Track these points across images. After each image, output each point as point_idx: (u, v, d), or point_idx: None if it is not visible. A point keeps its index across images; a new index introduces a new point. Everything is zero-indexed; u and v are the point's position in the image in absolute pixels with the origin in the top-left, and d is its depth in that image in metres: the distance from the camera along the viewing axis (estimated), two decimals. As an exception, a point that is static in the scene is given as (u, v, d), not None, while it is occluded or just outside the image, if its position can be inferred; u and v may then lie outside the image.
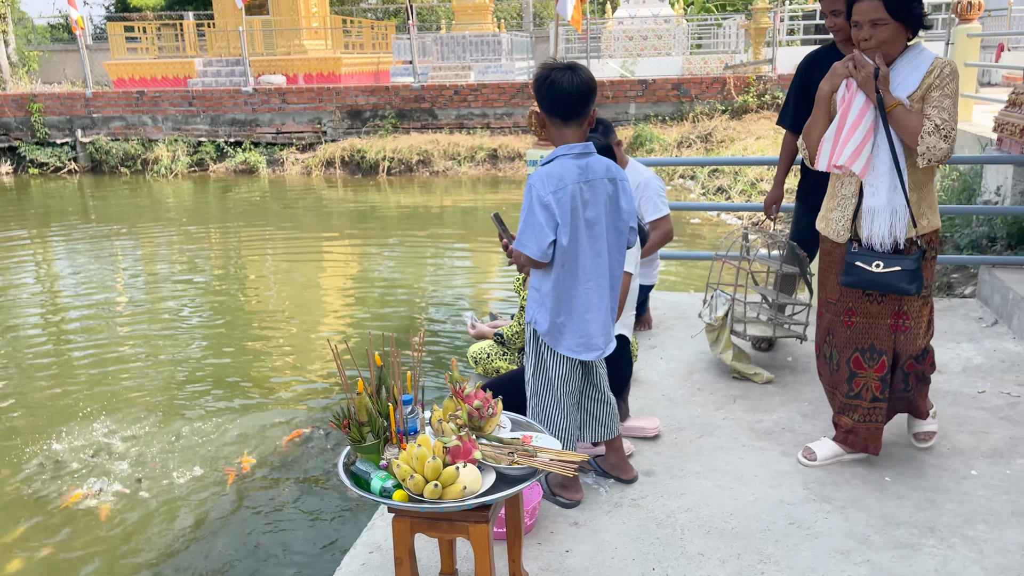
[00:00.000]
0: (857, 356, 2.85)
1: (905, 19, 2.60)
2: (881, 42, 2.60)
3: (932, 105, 2.61)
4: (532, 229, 2.48)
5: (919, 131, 2.57)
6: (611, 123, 3.86)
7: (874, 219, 2.68)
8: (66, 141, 17.28)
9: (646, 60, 18.25)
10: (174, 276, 8.84)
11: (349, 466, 2.12)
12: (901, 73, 2.67)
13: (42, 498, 4.19)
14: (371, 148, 15.44)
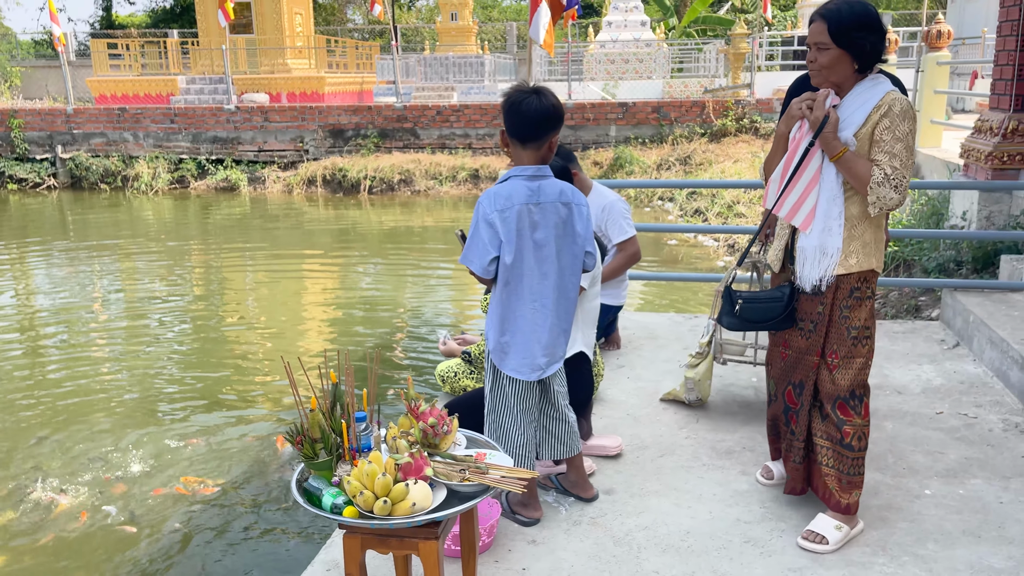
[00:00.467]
0: (790, 390, 2.78)
1: (848, 47, 2.48)
2: (823, 67, 2.53)
3: (883, 150, 2.48)
4: (475, 245, 2.54)
5: (868, 180, 2.47)
6: (572, 152, 3.92)
7: (805, 259, 2.62)
8: (46, 157, 17.21)
9: (627, 83, 18.47)
10: (151, 292, 8.81)
11: (302, 482, 2.13)
12: (849, 107, 2.55)
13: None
14: (353, 167, 15.48)
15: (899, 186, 2.45)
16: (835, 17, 2.47)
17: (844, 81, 2.55)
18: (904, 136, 2.48)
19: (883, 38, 2.51)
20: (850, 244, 2.58)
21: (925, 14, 13.65)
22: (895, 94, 2.51)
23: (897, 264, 6.75)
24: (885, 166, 2.46)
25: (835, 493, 2.67)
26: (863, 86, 2.54)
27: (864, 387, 2.66)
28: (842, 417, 2.65)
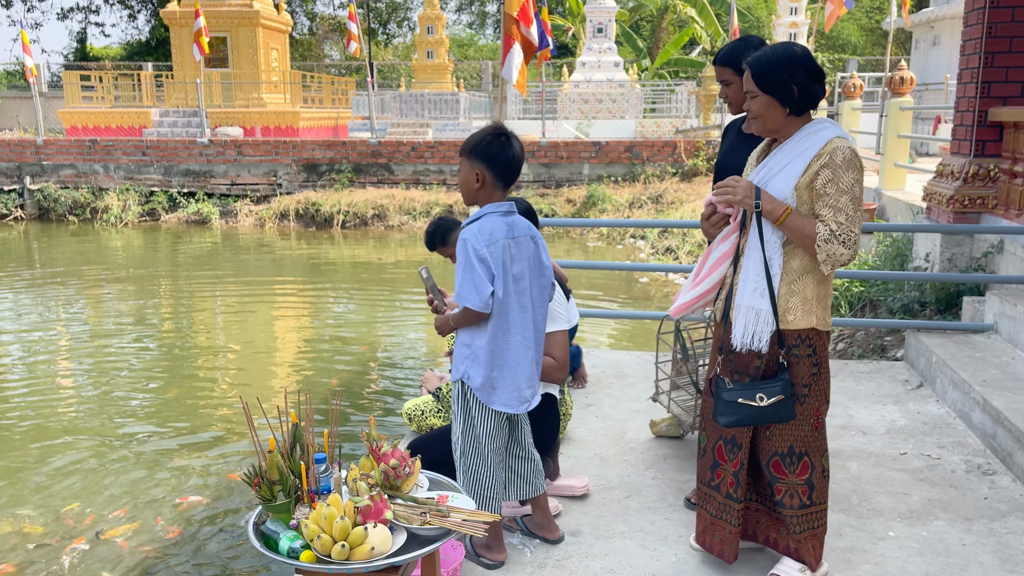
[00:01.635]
0: (720, 445, 2.66)
1: (772, 92, 2.43)
2: (755, 114, 2.51)
3: (827, 204, 2.39)
4: (472, 282, 2.54)
5: (814, 239, 2.39)
6: None
7: (736, 317, 2.54)
8: (13, 188, 17.01)
9: (600, 122, 18.73)
10: (116, 325, 8.67)
11: (259, 525, 2.09)
12: (788, 155, 2.47)
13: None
14: (326, 201, 15.47)
15: (847, 241, 2.37)
16: (755, 63, 2.46)
17: (779, 127, 2.50)
18: (849, 187, 2.39)
19: (815, 80, 2.44)
20: (789, 300, 2.49)
21: (889, 60, 14.02)
22: (838, 141, 2.41)
23: (863, 304, 6.85)
24: (830, 222, 2.38)
25: (791, 544, 2.66)
26: (803, 132, 2.47)
27: (808, 445, 2.57)
28: (775, 475, 2.59)
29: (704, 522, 2.77)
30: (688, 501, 3.22)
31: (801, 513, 2.59)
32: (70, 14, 37.70)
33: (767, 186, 2.51)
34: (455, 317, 2.64)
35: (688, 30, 24.74)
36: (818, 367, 2.55)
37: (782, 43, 2.54)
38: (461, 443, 2.72)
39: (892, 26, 13.12)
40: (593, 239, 14.45)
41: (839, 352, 6.37)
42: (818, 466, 2.59)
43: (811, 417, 2.56)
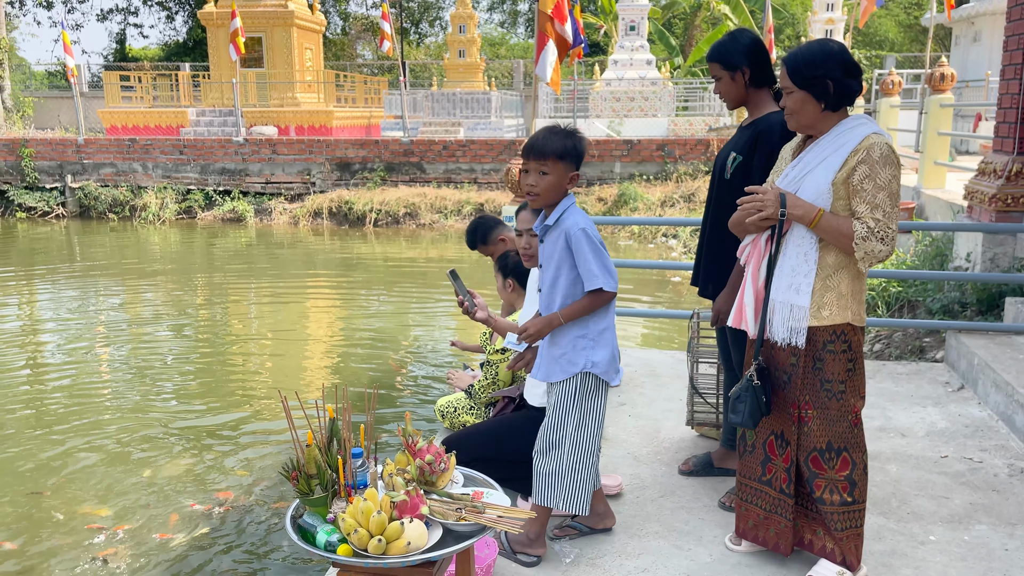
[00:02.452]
0: (772, 440, 2.67)
1: (807, 87, 2.43)
2: (791, 111, 2.51)
3: (865, 201, 2.38)
4: (605, 265, 2.62)
5: (852, 237, 2.38)
6: None
7: (773, 313, 2.55)
8: (55, 186, 17.37)
9: (632, 120, 18.64)
10: (154, 321, 8.82)
11: (297, 519, 2.11)
12: (825, 150, 2.46)
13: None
14: (359, 200, 15.59)
15: (885, 237, 2.36)
16: (791, 59, 2.47)
17: (815, 123, 2.50)
18: (887, 183, 2.37)
19: (850, 75, 2.43)
20: (824, 295, 2.49)
21: (929, 57, 13.76)
22: (875, 138, 2.40)
23: (901, 304, 6.73)
24: (868, 219, 2.37)
25: (827, 545, 2.62)
26: (840, 128, 2.47)
27: (847, 441, 2.55)
28: (814, 470, 2.57)
29: (755, 517, 2.76)
30: (722, 504, 3.19)
31: (842, 510, 2.56)
32: (109, 15, 38.46)
33: (803, 181, 2.50)
34: (573, 310, 2.64)
35: (722, 27, 24.52)
36: (853, 363, 2.53)
37: (818, 39, 2.54)
38: (573, 439, 2.71)
39: (932, 22, 12.89)
40: (624, 238, 14.38)
41: (876, 353, 6.27)
42: (859, 463, 2.57)
43: (848, 413, 2.54)
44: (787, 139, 2.87)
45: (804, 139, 2.63)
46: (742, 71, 2.99)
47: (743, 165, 2.99)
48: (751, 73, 2.99)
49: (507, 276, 3.64)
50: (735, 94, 3.03)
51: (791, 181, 2.53)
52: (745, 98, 3.04)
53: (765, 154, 2.91)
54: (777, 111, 2.96)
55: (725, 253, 3.07)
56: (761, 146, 2.93)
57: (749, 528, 2.80)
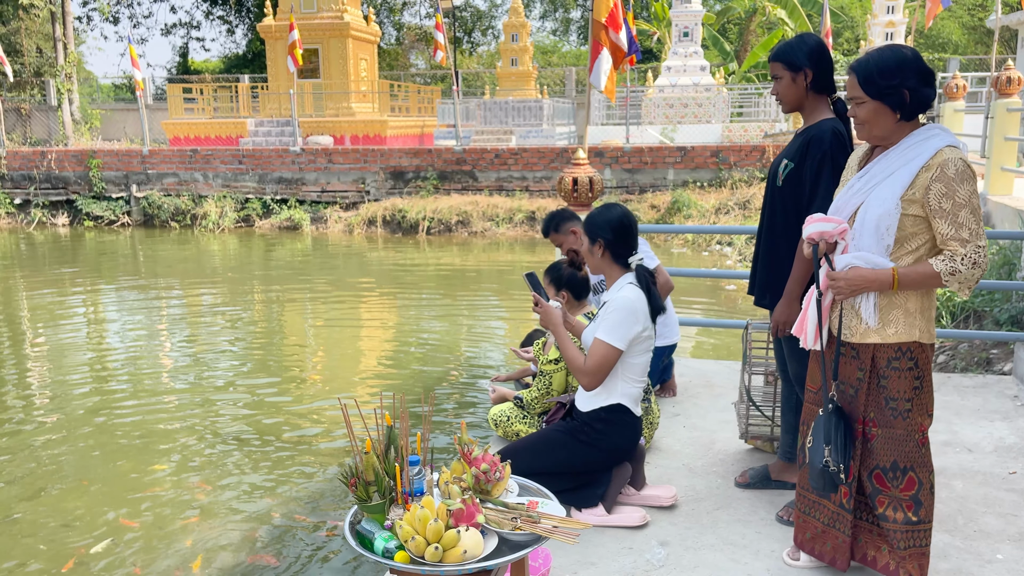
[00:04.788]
0: None
1: (881, 98, 2.35)
2: (863, 121, 2.43)
3: (947, 221, 2.28)
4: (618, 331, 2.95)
5: (939, 277, 2.28)
6: None
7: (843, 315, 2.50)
8: (121, 195, 17.96)
9: (686, 127, 18.48)
10: (215, 327, 9.05)
11: (355, 525, 2.15)
12: (894, 162, 2.38)
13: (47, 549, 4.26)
14: (412, 208, 15.76)
15: (977, 259, 2.26)
16: (863, 68, 2.38)
17: (889, 134, 2.41)
18: (967, 199, 2.27)
19: (926, 84, 2.35)
20: (889, 312, 2.41)
21: (994, 60, 13.34)
22: (948, 152, 2.29)
23: (967, 315, 6.53)
24: (953, 242, 2.28)
25: (891, 563, 2.55)
26: (911, 140, 2.37)
27: (913, 460, 2.48)
28: (877, 487, 2.51)
29: (813, 530, 2.70)
30: (779, 518, 3.14)
31: (906, 529, 2.49)
32: (173, 30, 39.66)
33: (869, 194, 2.43)
34: None
35: (778, 32, 24.17)
36: (920, 380, 2.45)
37: (889, 46, 2.45)
38: None
39: (997, 23, 12.50)
40: (678, 245, 14.25)
41: (940, 365, 6.10)
42: (925, 483, 2.50)
43: (915, 432, 2.47)
44: (837, 147, 2.82)
45: (872, 148, 2.56)
46: (804, 73, 2.94)
47: (794, 172, 2.95)
48: (813, 77, 2.94)
49: (560, 288, 3.65)
50: (793, 96, 2.98)
51: (855, 193, 2.48)
52: (803, 102, 2.99)
53: (815, 161, 2.87)
54: (830, 119, 2.92)
55: (781, 262, 3.02)
56: (811, 153, 2.89)
57: (807, 540, 2.75)
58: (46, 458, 5.35)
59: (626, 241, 2.98)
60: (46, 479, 5.04)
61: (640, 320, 2.91)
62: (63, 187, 18.24)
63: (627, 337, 2.90)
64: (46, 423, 6.02)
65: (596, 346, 2.91)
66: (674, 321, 4.38)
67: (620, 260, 3.00)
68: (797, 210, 2.99)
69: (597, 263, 3.05)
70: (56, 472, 5.14)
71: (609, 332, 2.89)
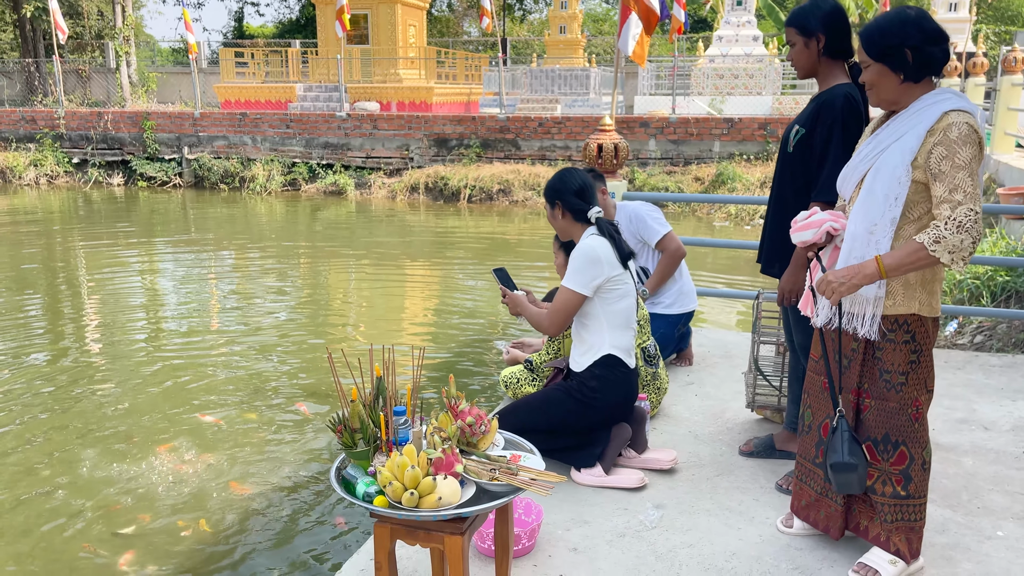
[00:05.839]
0: (827, 423, 2.57)
1: (883, 59, 2.31)
2: (870, 85, 2.39)
3: (943, 183, 2.22)
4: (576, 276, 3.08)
5: (926, 250, 2.20)
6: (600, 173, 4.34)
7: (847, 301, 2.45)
8: (173, 157, 18.38)
9: (735, 99, 18.11)
10: (259, 285, 9.27)
11: (341, 470, 2.22)
12: (901, 128, 2.32)
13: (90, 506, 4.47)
14: (454, 176, 15.82)
15: (964, 223, 2.16)
16: (865, 31, 2.34)
17: (895, 96, 2.36)
18: (967, 163, 2.20)
19: (931, 43, 2.27)
20: (890, 282, 2.37)
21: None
22: (955, 116, 2.23)
23: (1009, 295, 6.35)
24: (944, 206, 2.21)
25: (881, 534, 2.54)
26: (919, 104, 2.32)
27: (905, 435, 2.45)
28: (869, 460, 2.50)
29: (807, 497, 2.72)
30: (779, 486, 3.14)
31: (894, 503, 2.48)
32: (229, -5, 40.01)
33: (877, 160, 2.39)
34: None
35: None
36: (917, 355, 2.42)
37: (895, 8, 2.40)
38: None
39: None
40: (720, 219, 14.06)
41: (976, 345, 5.96)
42: (917, 458, 2.47)
43: (909, 406, 2.44)
44: (849, 113, 2.76)
45: (887, 114, 2.51)
46: (817, 38, 2.89)
47: (805, 138, 2.91)
48: (826, 41, 2.89)
49: (569, 251, 3.68)
50: (806, 62, 2.93)
51: (863, 159, 2.44)
52: (816, 68, 2.94)
53: (826, 127, 2.82)
54: (844, 84, 2.86)
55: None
56: (822, 119, 2.84)
57: (802, 508, 2.75)
58: (95, 399, 5.59)
59: (583, 198, 3.06)
60: (92, 420, 5.27)
61: (604, 265, 2.98)
62: (118, 148, 18.73)
63: (587, 282, 2.99)
64: (98, 366, 6.29)
65: (558, 292, 3.06)
66: (690, 289, 4.36)
67: (580, 217, 3.08)
68: (807, 177, 2.96)
69: (561, 225, 3.15)
70: (101, 413, 5.37)
71: (569, 278, 3.01)
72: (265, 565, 3.77)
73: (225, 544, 3.94)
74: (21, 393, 5.79)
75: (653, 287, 4.23)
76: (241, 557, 3.83)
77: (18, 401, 5.64)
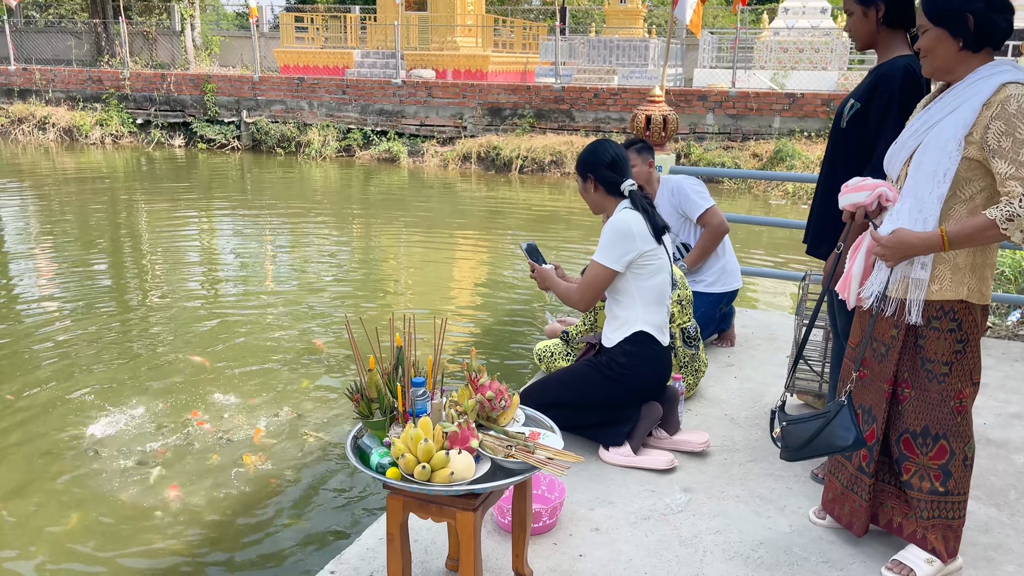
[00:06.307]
0: (859, 414, 2.45)
1: (943, 23, 2.17)
2: (925, 51, 2.24)
3: (1006, 160, 2.06)
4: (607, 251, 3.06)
5: (996, 227, 2.06)
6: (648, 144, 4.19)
7: (889, 284, 2.33)
8: (232, 120, 18.63)
9: (799, 73, 17.55)
10: (309, 248, 9.37)
11: (358, 439, 2.20)
12: (955, 101, 2.18)
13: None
14: (507, 146, 15.70)
15: None
16: None
17: (951, 65, 2.21)
18: None
19: (995, 9, 2.12)
20: (936, 267, 2.24)
21: None
22: (1013, 88, 2.08)
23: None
24: (1012, 183, 2.04)
25: (917, 531, 2.43)
26: (975, 75, 2.17)
27: (947, 428, 2.32)
28: (904, 452, 2.38)
29: (834, 491, 2.62)
30: (814, 475, 3.04)
31: (931, 499, 2.36)
32: (293, -41, 40.22)
33: (927, 135, 2.24)
34: None
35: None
36: (963, 344, 2.28)
37: None
38: None
39: None
40: (777, 196, 13.69)
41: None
42: (959, 453, 2.35)
43: (951, 399, 2.31)
44: (908, 86, 2.60)
45: (941, 88, 2.36)
46: (876, 7, 2.72)
47: (860, 113, 2.75)
48: (886, 10, 2.72)
49: None
50: (864, 32, 2.77)
51: (913, 134, 2.29)
52: (875, 38, 2.78)
53: (883, 101, 2.66)
54: (904, 55, 2.69)
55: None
56: (879, 92, 2.68)
57: (829, 501, 2.66)
58: (151, 350, 5.73)
59: (616, 171, 2.98)
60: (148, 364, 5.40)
61: (636, 240, 2.90)
62: (180, 109, 19.06)
63: (619, 257, 2.92)
64: (155, 319, 6.48)
65: (589, 267, 2.99)
66: (734, 268, 4.23)
67: (613, 191, 3.00)
68: (860, 154, 2.81)
69: (593, 199, 3.07)
70: (155, 363, 5.50)
71: (600, 253, 2.94)
72: (290, 515, 3.81)
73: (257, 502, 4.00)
74: (84, 341, 5.96)
75: (692, 262, 4.11)
76: (275, 512, 3.88)
77: (80, 349, 5.81)
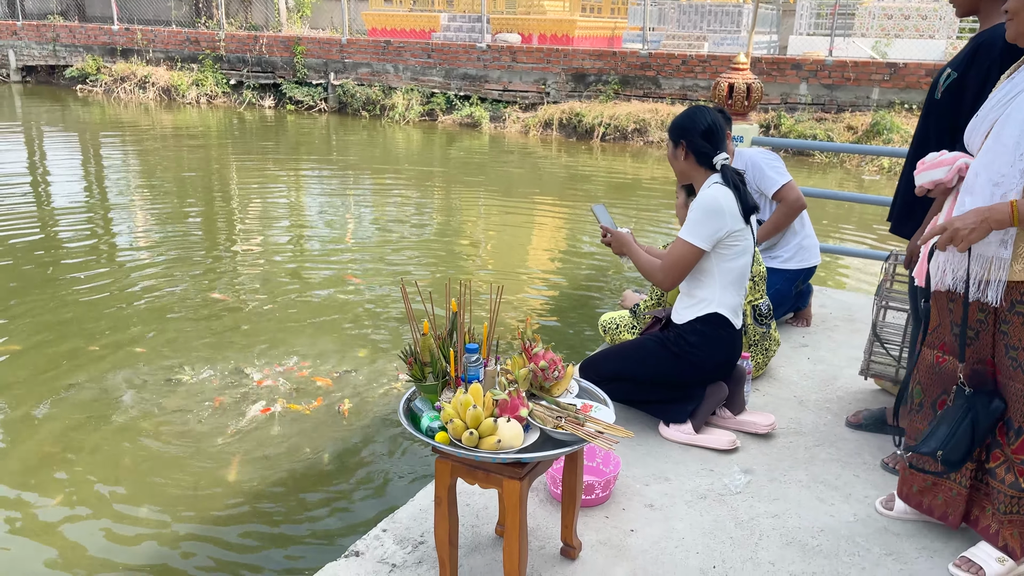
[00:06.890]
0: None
1: None
2: (1012, 14, 2.07)
3: None
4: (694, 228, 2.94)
5: None
6: None
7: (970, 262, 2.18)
8: (320, 82, 18.95)
9: (903, 42, 16.66)
10: (394, 213, 9.50)
11: (411, 401, 2.22)
12: None
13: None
14: (589, 113, 15.48)
15: None
16: None
17: None
18: None
19: None
20: (1019, 245, 2.09)
21: None
22: None
23: None
24: None
25: (992, 526, 2.30)
26: None
27: None
28: (996, 437, 2.24)
29: (920, 482, 2.49)
30: (885, 464, 2.91)
31: (1012, 493, 2.24)
32: (384, -78, 40.32)
33: (1008, 107, 2.08)
34: None
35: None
36: None
37: None
38: None
39: None
40: (871, 172, 13.10)
41: None
42: None
43: None
44: (1010, 55, 2.41)
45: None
46: None
47: (957, 83, 2.57)
48: None
49: (690, 195, 3.48)
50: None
51: (994, 106, 2.13)
52: (977, 5, 2.58)
53: (982, 71, 2.48)
54: None
55: None
56: (979, 61, 2.49)
57: (913, 494, 2.53)
58: (239, 307, 5.94)
59: (710, 141, 2.83)
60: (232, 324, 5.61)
61: (727, 218, 2.78)
62: (271, 71, 19.49)
63: (708, 236, 2.79)
64: (242, 273, 6.72)
65: (675, 244, 2.86)
66: (812, 244, 4.07)
67: (704, 161, 2.85)
68: (953, 127, 2.63)
69: (681, 166, 2.93)
70: (240, 315, 5.70)
71: (688, 230, 2.81)
72: (351, 471, 3.90)
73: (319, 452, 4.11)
74: (170, 288, 6.22)
75: (762, 237, 3.96)
76: (337, 468, 3.98)
77: (166, 300, 6.06)
